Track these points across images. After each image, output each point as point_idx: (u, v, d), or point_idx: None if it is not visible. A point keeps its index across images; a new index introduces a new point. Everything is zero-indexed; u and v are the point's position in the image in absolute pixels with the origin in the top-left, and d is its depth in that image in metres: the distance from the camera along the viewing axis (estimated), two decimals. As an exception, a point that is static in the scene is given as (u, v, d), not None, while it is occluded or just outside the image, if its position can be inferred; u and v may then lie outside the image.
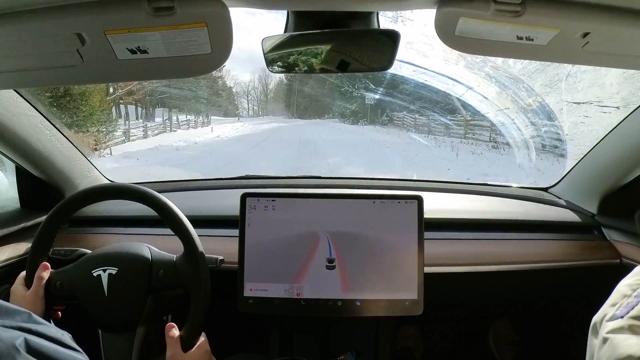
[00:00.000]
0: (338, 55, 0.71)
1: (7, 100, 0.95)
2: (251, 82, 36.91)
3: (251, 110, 37.01)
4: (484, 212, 1.26)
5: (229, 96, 31.49)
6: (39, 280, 0.81)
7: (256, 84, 36.79)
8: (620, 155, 1.08)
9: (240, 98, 35.29)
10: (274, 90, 36.57)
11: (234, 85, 33.05)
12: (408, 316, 0.96)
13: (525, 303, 1.37)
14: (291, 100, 30.48)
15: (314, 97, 26.86)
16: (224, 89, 29.53)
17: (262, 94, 37.48)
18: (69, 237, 1.14)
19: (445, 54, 7.49)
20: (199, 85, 21.68)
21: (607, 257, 1.11)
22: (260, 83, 36.75)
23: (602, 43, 0.61)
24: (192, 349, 0.79)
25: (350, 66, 0.72)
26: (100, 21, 0.54)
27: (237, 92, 34.55)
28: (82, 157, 1.24)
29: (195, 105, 22.22)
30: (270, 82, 36.09)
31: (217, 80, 26.36)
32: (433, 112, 13.69)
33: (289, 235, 0.97)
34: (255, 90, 36.94)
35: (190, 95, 21.34)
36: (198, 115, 21.85)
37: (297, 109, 28.97)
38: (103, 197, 0.88)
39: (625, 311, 0.47)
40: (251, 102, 37.03)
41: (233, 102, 32.92)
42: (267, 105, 36.72)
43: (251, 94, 36.84)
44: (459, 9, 0.56)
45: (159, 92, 20.14)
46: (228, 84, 31.03)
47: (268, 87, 37.05)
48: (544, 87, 9.58)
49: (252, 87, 36.88)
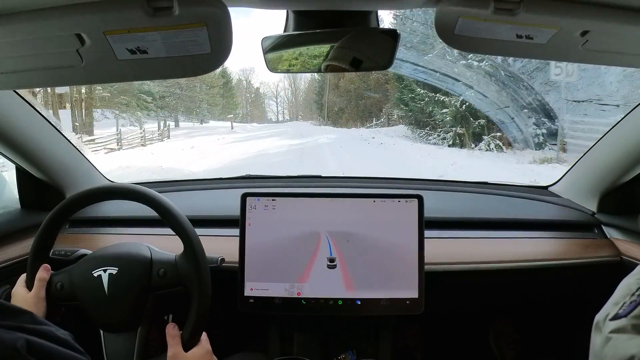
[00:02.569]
0: (338, 55, 0.71)
1: (7, 101, 0.95)
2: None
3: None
4: (484, 210, 1.26)
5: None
6: (40, 282, 0.81)
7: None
8: (620, 153, 1.08)
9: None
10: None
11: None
12: (409, 315, 0.96)
13: (525, 301, 1.37)
14: (322, 101, 24.36)
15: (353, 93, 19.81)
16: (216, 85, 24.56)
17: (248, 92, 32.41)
18: (70, 238, 1.14)
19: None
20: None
21: (607, 255, 1.11)
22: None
23: (601, 41, 0.61)
24: (193, 348, 0.79)
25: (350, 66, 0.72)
26: (99, 21, 0.54)
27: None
28: (82, 158, 1.24)
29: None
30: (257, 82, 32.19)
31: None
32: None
33: (290, 234, 0.97)
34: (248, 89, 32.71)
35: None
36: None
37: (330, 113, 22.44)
38: (103, 198, 0.88)
39: (628, 310, 0.47)
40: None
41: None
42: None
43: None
44: (458, 8, 0.56)
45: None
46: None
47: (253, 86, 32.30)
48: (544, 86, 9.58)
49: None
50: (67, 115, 14.66)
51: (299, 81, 32.70)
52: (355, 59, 0.71)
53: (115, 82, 1.04)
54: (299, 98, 34.08)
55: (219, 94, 24.85)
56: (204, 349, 0.81)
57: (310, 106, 29.65)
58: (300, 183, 1.39)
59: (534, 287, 1.23)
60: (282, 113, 35.46)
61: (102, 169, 1.34)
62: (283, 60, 0.74)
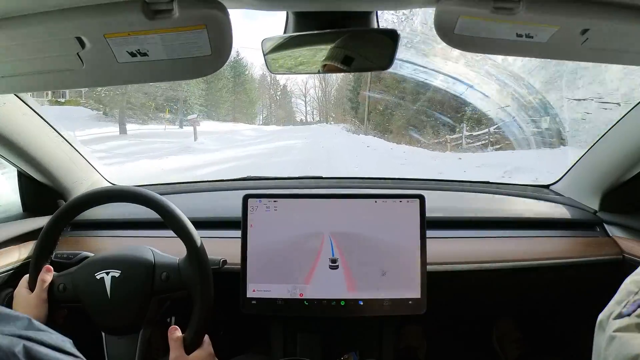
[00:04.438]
0: (336, 54, 0.71)
1: (8, 104, 0.95)
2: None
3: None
4: (486, 210, 1.26)
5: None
6: (42, 283, 0.81)
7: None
8: (622, 151, 1.08)
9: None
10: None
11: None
12: (411, 315, 0.96)
13: (528, 300, 1.37)
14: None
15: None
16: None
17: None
18: (71, 241, 1.14)
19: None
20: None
21: (609, 253, 1.11)
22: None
23: (601, 39, 0.61)
24: (195, 351, 0.79)
25: (351, 66, 0.72)
26: (99, 25, 0.54)
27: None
28: (83, 161, 1.25)
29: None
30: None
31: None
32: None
33: (292, 235, 0.97)
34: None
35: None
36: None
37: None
38: (105, 200, 0.89)
39: (632, 309, 0.46)
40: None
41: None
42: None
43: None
44: (458, 7, 0.56)
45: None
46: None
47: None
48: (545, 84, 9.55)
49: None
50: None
51: (331, 75, 26.28)
52: (348, 58, 0.71)
53: (116, 84, 1.04)
54: (331, 95, 26.90)
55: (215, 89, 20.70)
56: (206, 352, 0.81)
57: (342, 105, 21.80)
58: (301, 184, 1.39)
59: (537, 286, 1.23)
60: (312, 114, 29.00)
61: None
62: (284, 62, 0.74)
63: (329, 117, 24.20)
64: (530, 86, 7.39)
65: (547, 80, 7.96)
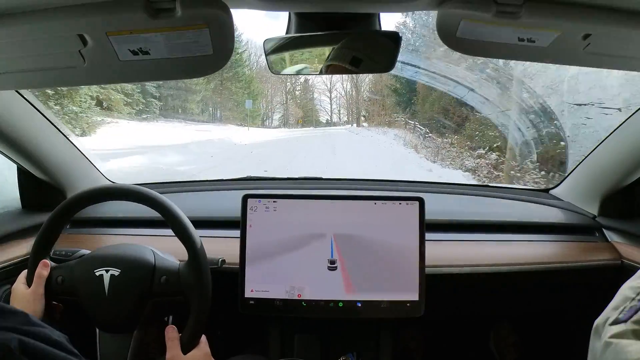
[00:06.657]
0: (339, 55, 0.71)
1: (9, 101, 0.95)
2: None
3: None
4: (485, 213, 1.26)
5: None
6: (39, 278, 0.81)
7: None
8: (622, 156, 1.08)
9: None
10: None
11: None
12: (409, 317, 0.96)
13: (526, 304, 1.37)
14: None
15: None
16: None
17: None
18: (70, 238, 1.14)
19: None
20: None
21: (608, 258, 1.10)
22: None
23: (603, 45, 0.61)
24: (191, 351, 0.79)
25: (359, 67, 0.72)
26: (101, 22, 0.54)
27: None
28: (83, 158, 1.25)
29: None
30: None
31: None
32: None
33: (290, 236, 0.97)
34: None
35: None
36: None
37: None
38: (104, 198, 0.88)
39: (629, 315, 0.46)
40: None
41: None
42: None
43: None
44: (460, 11, 0.56)
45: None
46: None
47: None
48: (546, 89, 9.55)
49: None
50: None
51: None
52: (356, 59, 0.71)
53: (117, 82, 1.04)
54: (363, 89, 20.02)
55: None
56: (203, 352, 0.81)
57: (383, 100, 15.11)
58: (301, 184, 1.39)
59: (535, 290, 1.23)
60: (338, 113, 22.68)
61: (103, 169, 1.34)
62: (285, 62, 0.74)
63: (360, 118, 17.46)
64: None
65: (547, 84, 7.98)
